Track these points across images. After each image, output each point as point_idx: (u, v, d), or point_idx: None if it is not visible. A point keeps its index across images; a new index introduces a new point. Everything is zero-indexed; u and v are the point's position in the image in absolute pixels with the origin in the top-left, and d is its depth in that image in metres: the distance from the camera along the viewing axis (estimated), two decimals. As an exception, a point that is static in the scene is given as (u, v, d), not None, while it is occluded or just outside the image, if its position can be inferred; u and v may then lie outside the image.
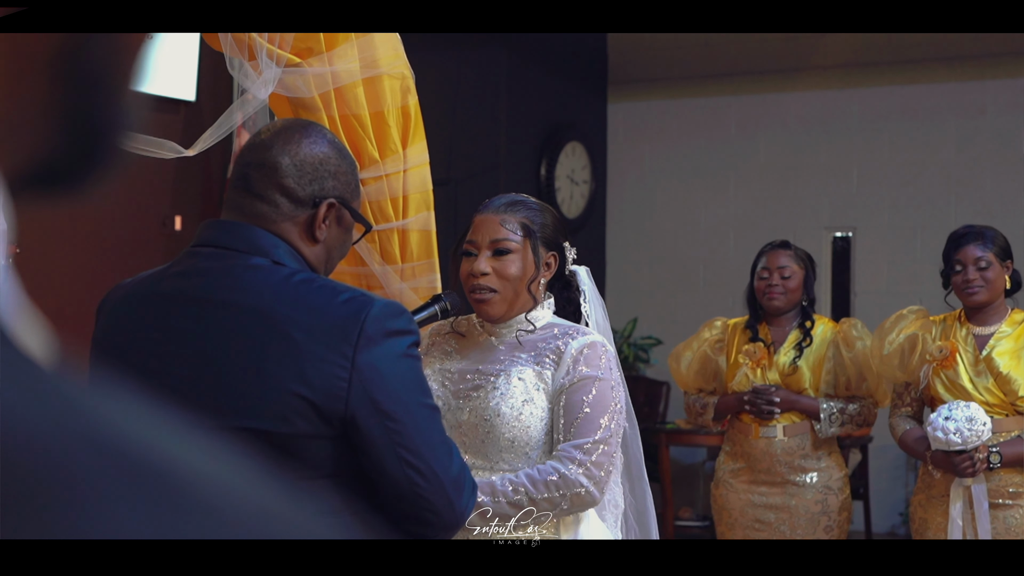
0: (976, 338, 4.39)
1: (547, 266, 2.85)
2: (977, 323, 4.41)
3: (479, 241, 2.80)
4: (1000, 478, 4.26)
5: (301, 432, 2.02)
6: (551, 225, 2.86)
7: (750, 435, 4.70)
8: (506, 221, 2.80)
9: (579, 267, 3.03)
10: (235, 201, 2.16)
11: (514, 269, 2.77)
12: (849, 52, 7.96)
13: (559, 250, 2.88)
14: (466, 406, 2.76)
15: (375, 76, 3.12)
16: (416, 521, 2.10)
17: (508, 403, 2.72)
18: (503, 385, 2.74)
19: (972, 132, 7.74)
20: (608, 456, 2.70)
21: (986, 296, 4.36)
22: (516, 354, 2.79)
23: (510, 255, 2.78)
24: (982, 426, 4.14)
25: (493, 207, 2.83)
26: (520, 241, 2.79)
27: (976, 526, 4.23)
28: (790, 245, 4.88)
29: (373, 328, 2.02)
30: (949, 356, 4.35)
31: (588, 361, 2.73)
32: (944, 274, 4.47)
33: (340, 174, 2.18)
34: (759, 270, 4.80)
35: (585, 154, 8.45)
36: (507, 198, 2.87)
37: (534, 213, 2.84)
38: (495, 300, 2.78)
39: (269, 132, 2.20)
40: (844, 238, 8.17)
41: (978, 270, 4.34)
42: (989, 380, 4.32)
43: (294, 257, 2.12)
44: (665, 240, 8.48)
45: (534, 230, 2.80)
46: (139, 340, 2.13)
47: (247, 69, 2.95)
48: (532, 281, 2.79)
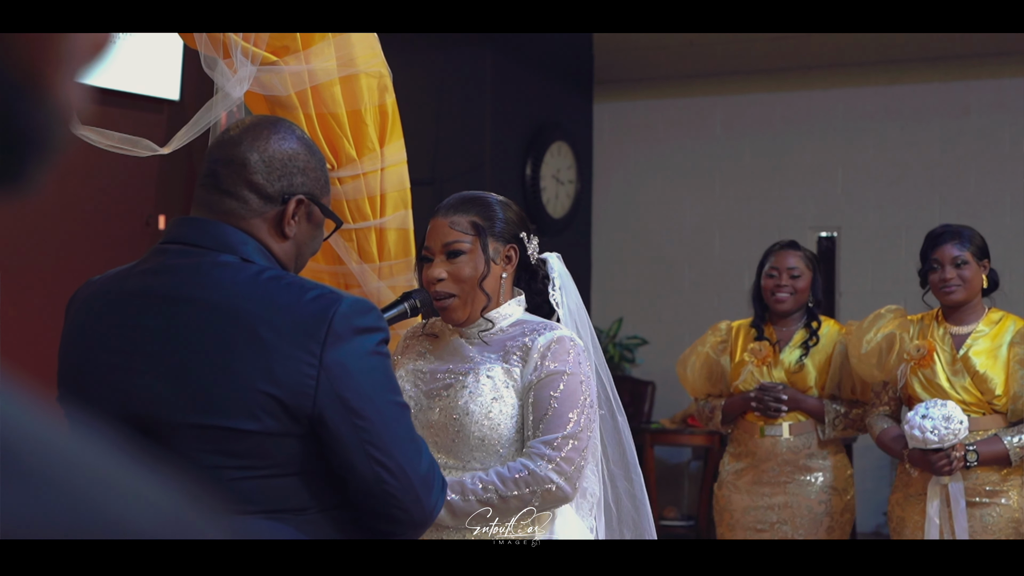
0: (953, 337, 4.40)
1: (507, 259, 2.83)
2: (954, 322, 4.43)
3: (433, 247, 2.80)
4: (977, 476, 4.28)
5: (269, 430, 2.01)
6: (505, 219, 2.83)
7: (755, 434, 4.71)
8: (455, 223, 2.78)
9: (550, 254, 3.01)
10: (204, 198, 2.15)
11: (468, 270, 2.76)
12: (834, 52, 7.97)
13: (518, 242, 2.85)
14: (436, 405, 2.76)
15: (352, 74, 3.11)
16: (385, 519, 2.09)
17: (477, 401, 2.71)
18: (472, 384, 2.74)
19: (956, 132, 7.76)
20: (579, 451, 2.69)
21: (963, 295, 4.37)
22: (485, 353, 2.78)
23: (462, 256, 2.76)
24: (959, 424, 4.15)
25: (443, 209, 2.82)
26: (470, 241, 2.77)
27: (953, 525, 4.25)
28: (799, 246, 4.85)
29: (341, 326, 2.01)
30: (926, 355, 4.36)
31: (555, 356, 2.72)
32: (921, 273, 4.48)
33: (309, 170, 2.18)
34: (767, 269, 4.77)
35: (571, 154, 8.45)
36: (457, 197, 2.85)
37: (484, 209, 2.82)
38: (455, 304, 2.78)
39: (238, 129, 2.20)
40: (829, 238, 8.19)
41: (955, 268, 4.35)
42: (966, 379, 4.33)
43: (263, 254, 2.12)
44: (651, 240, 8.48)
45: (484, 227, 2.78)
46: (106, 337, 2.12)
47: (222, 67, 2.94)
48: (484, 278, 2.77)
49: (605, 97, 8.66)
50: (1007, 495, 4.30)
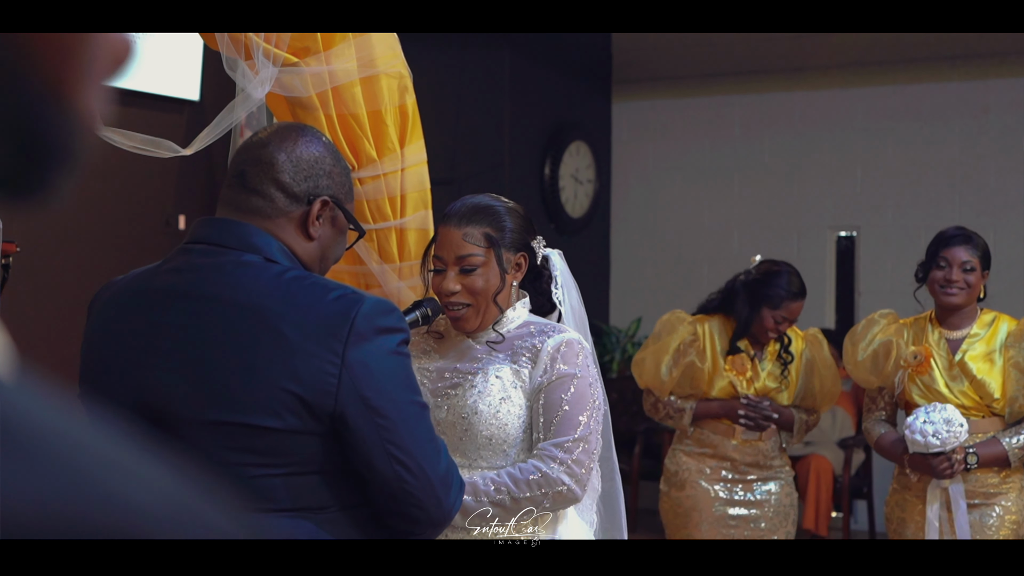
0: (949, 342, 4.40)
1: (517, 267, 2.83)
2: (949, 327, 4.43)
3: (446, 258, 2.79)
4: (976, 478, 4.29)
5: (290, 427, 2.03)
6: (515, 228, 2.82)
7: (731, 438, 4.73)
8: (468, 235, 2.77)
9: (551, 251, 2.99)
10: (230, 197, 2.18)
11: (481, 283, 2.76)
12: (853, 52, 7.96)
13: (528, 249, 2.85)
14: (444, 404, 2.77)
15: (372, 75, 3.12)
16: (404, 517, 2.11)
17: (486, 401, 2.72)
18: (480, 383, 2.75)
19: (976, 131, 7.74)
20: (588, 453, 2.71)
21: (963, 299, 4.36)
22: (494, 353, 2.79)
23: (477, 271, 2.76)
24: (959, 427, 4.16)
25: (455, 218, 2.79)
26: (484, 254, 2.76)
27: (954, 526, 4.25)
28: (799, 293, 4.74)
29: (363, 325, 2.03)
30: (924, 361, 4.36)
31: (565, 359, 2.73)
32: (923, 268, 4.46)
33: (335, 174, 2.21)
34: (769, 301, 4.68)
35: (589, 153, 8.45)
36: (468, 205, 2.82)
37: (496, 219, 2.80)
38: (469, 315, 2.78)
39: (266, 133, 2.23)
40: (848, 237, 8.17)
41: (963, 272, 4.34)
42: (964, 384, 4.33)
43: (287, 255, 2.14)
44: (669, 239, 8.48)
45: (497, 239, 2.77)
46: (128, 334, 2.14)
47: (244, 69, 2.96)
48: (498, 292, 2.78)
49: (624, 96, 8.66)
50: (1007, 496, 4.31)
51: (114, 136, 2.94)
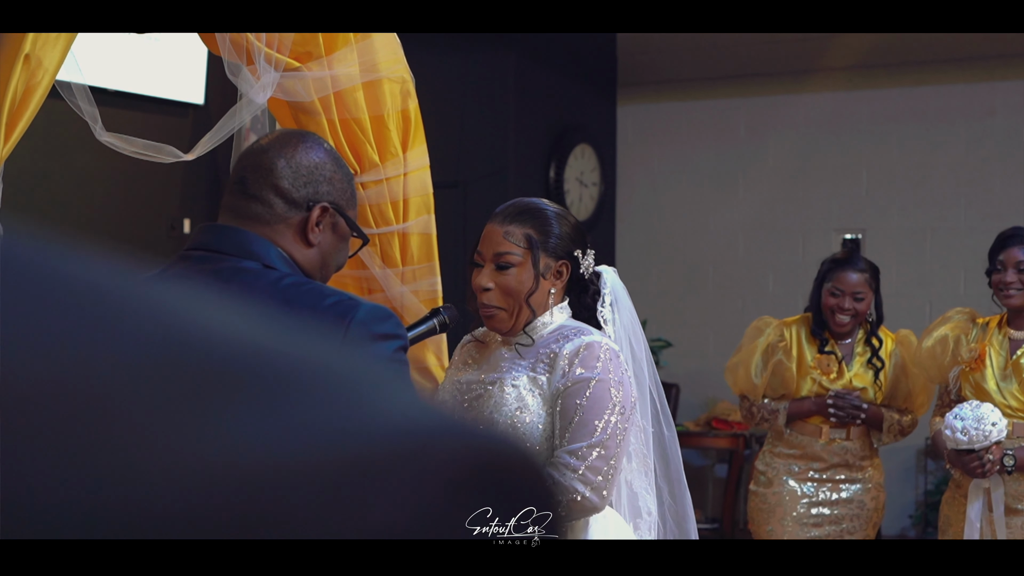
0: (1011, 342, 4.33)
1: (557, 274, 2.79)
2: (1016, 327, 4.36)
3: (485, 253, 2.76)
4: (1019, 482, 4.21)
5: None
6: (561, 235, 2.78)
7: (819, 437, 4.73)
8: (510, 233, 2.74)
9: (606, 268, 2.96)
10: (230, 203, 2.18)
11: (514, 283, 2.73)
12: (858, 54, 7.94)
13: (571, 259, 2.81)
14: (468, 416, 2.75)
15: (375, 80, 3.12)
16: None
17: (501, 412, 2.69)
18: (496, 394, 2.71)
19: (981, 133, 7.72)
20: (606, 460, 2.63)
21: (1022, 300, 4.30)
22: (516, 361, 2.76)
23: (511, 269, 2.73)
24: (991, 426, 4.09)
25: (501, 216, 2.78)
26: (522, 254, 2.74)
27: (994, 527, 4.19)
28: (860, 263, 4.77)
29: (358, 331, 2.02)
30: (978, 359, 4.30)
31: (584, 362, 2.68)
32: (988, 273, 4.41)
33: (336, 181, 2.21)
34: (829, 287, 4.73)
35: (594, 156, 8.45)
36: (517, 206, 2.81)
37: (542, 222, 2.77)
38: (502, 316, 2.76)
39: (268, 139, 2.23)
40: (853, 240, 8.16)
41: (1018, 272, 4.28)
42: (1014, 384, 4.27)
43: (286, 261, 2.14)
44: (674, 242, 8.47)
45: (537, 241, 2.74)
46: None
47: (246, 73, 2.96)
48: (531, 294, 2.74)
49: (629, 99, 8.65)
50: None
51: (115, 141, 2.94)
